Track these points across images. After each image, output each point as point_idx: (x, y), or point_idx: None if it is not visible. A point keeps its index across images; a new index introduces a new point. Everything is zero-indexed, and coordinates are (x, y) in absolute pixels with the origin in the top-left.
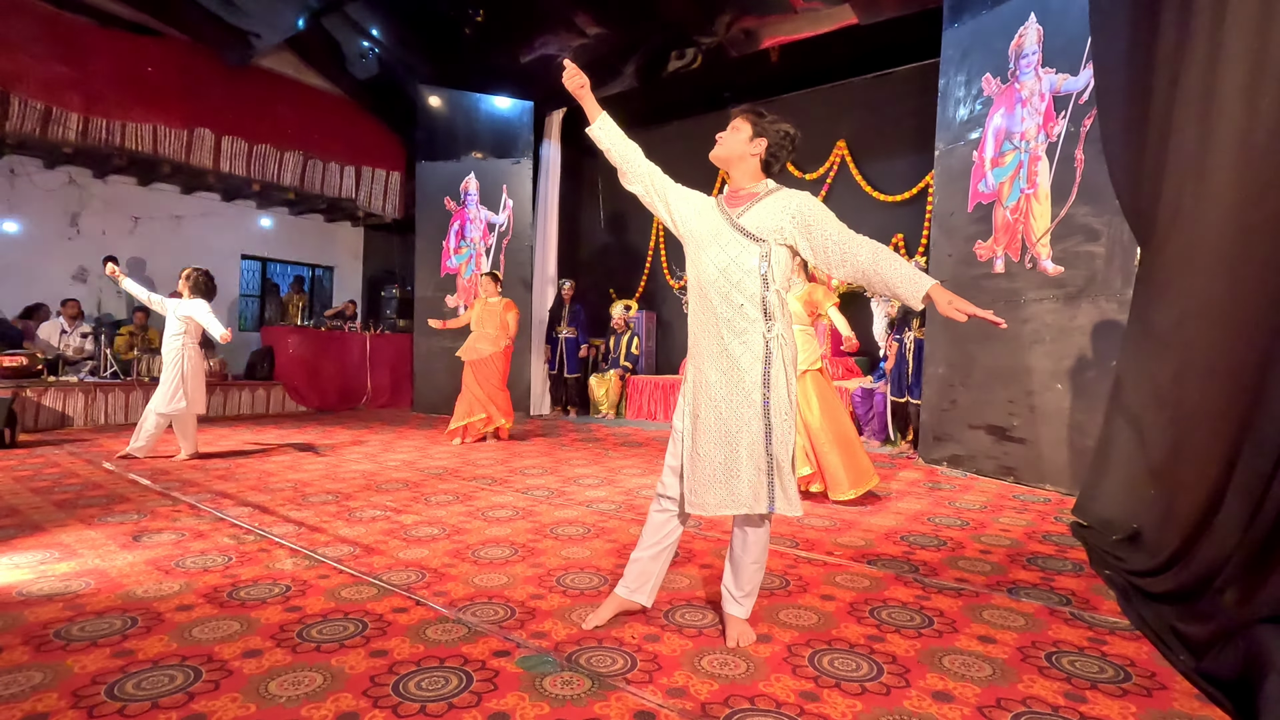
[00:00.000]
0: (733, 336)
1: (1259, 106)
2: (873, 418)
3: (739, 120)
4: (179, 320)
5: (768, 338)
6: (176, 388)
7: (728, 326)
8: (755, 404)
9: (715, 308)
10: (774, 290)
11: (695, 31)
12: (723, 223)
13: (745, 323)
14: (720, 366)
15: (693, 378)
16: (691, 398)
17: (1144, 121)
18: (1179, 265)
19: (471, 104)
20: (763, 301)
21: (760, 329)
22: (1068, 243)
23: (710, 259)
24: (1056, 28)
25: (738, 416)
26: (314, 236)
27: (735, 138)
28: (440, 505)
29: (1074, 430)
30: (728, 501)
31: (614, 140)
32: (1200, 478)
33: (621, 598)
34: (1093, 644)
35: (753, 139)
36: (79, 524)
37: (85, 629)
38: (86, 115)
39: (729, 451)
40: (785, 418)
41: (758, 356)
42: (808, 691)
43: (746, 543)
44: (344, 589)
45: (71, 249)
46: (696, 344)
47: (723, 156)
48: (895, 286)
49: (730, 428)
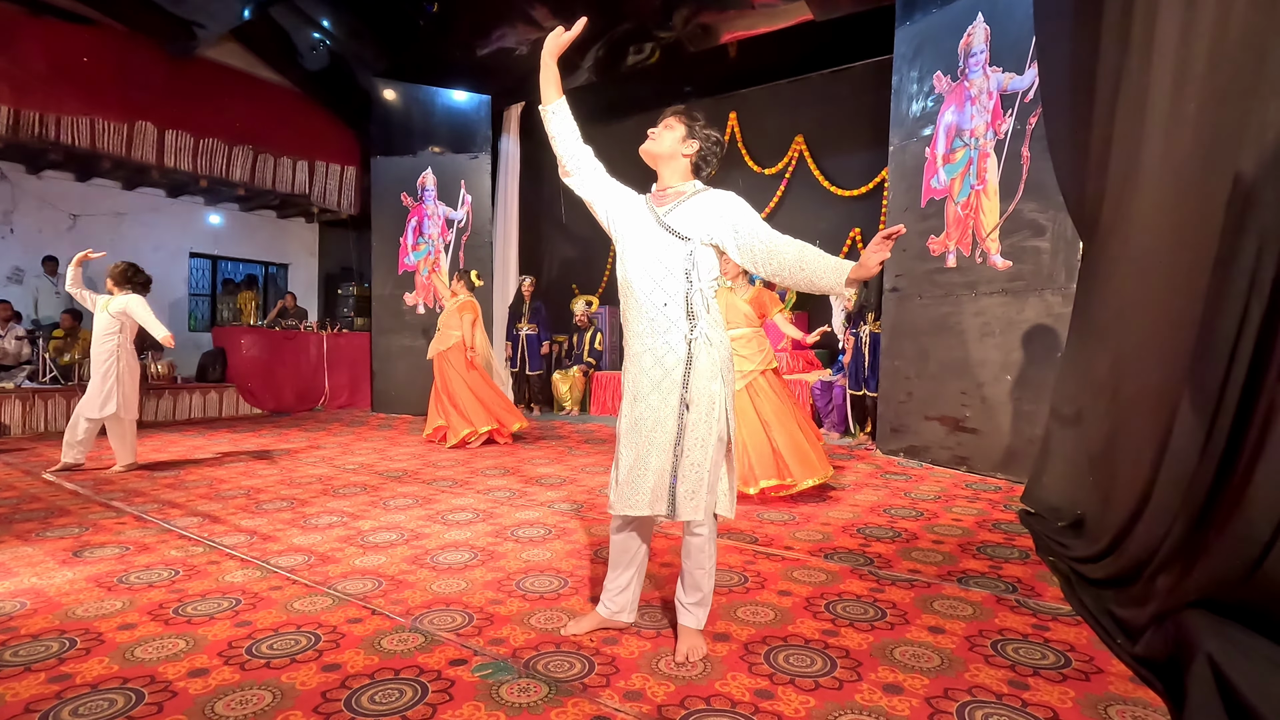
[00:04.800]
0: (656, 335)
1: (1184, 110)
2: (832, 410)
3: (673, 119)
4: (111, 318)
5: (690, 338)
6: (111, 391)
7: (651, 325)
8: (672, 405)
9: (641, 305)
10: (698, 289)
11: (653, 26)
12: (650, 220)
13: (668, 321)
14: (643, 364)
15: (625, 377)
16: (626, 397)
17: (1087, 120)
18: (1118, 260)
19: (427, 97)
20: (686, 300)
21: (683, 329)
22: (1015, 237)
23: (635, 256)
24: (1003, 27)
25: (654, 415)
26: (266, 233)
27: (669, 135)
28: (399, 509)
29: (1022, 420)
30: (633, 501)
31: (562, 127)
32: (1136, 466)
33: (603, 617)
34: (1036, 631)
35: (686, 139)
36: (15, 540)
37: (19, 653)
38: (16, 108)
39: (641, 450)
40: (705, 420)
41: (680, 357)
42: (762, 689)
43: (689, 548)
44: (297, 600)
45: (4, 249)
46: (627, 342)
47: (654, 153)
48: (820, 279)
49: (645, 426)
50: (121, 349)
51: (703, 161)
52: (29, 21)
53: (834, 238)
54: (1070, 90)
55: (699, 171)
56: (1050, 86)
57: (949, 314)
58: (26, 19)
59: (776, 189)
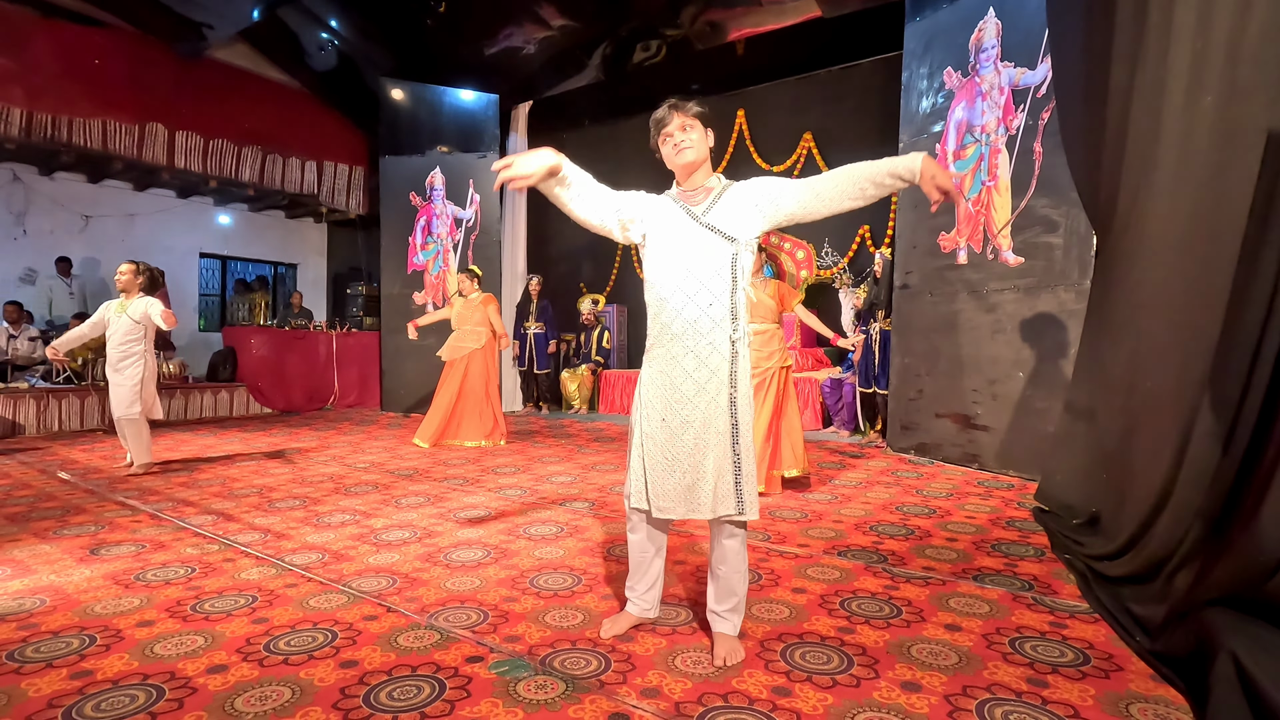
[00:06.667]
0: (698, 336)
1: (1201, 104)
2: (842, 408)
3: (690, 119)
4: (135, 322)
5: (734, 337)
6: (136, 392)
7: (692, 326)
8: (722, 405)
9: (682, 307)
10: (741, 287)
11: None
12: (686, 220)
13: (711, 322)
14: (685, 366)
15: (656, 380)
16: (658, 400)
17: (1102, 114)
18: (1134, 256)
19: (435, 97)
20: (731, 299)
21: (727, 329)
22: (1027, 234)
23: (678, 257)
24: (1014, 22)
25: (702, 416)
26: (276, 233)
27: (699, 141)
28: (411, 508)
29: (1035, 417)
30: (696, 506)
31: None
32: (1153, 463)
33: (635, 615)
34: (1054, 628)
35: (706, 135)
36: (33, 538)
37: (40, 649)
38: (30, 110)
39: (698, 455)
40: (747, 416)
41: (725, 356)
42: (780, 686)
43: (726, 553)
44: (312, 598)
45: (18, 249)
46: (659, 344)
47: (690, 165)
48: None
49: (693, 429)
50: (147, 352)
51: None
52: (41, 24)
53: (842, 234)
54: (1084, 84)
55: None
56: (1064, 80)
57: (960, 311)
58: (38, 22)
59: None
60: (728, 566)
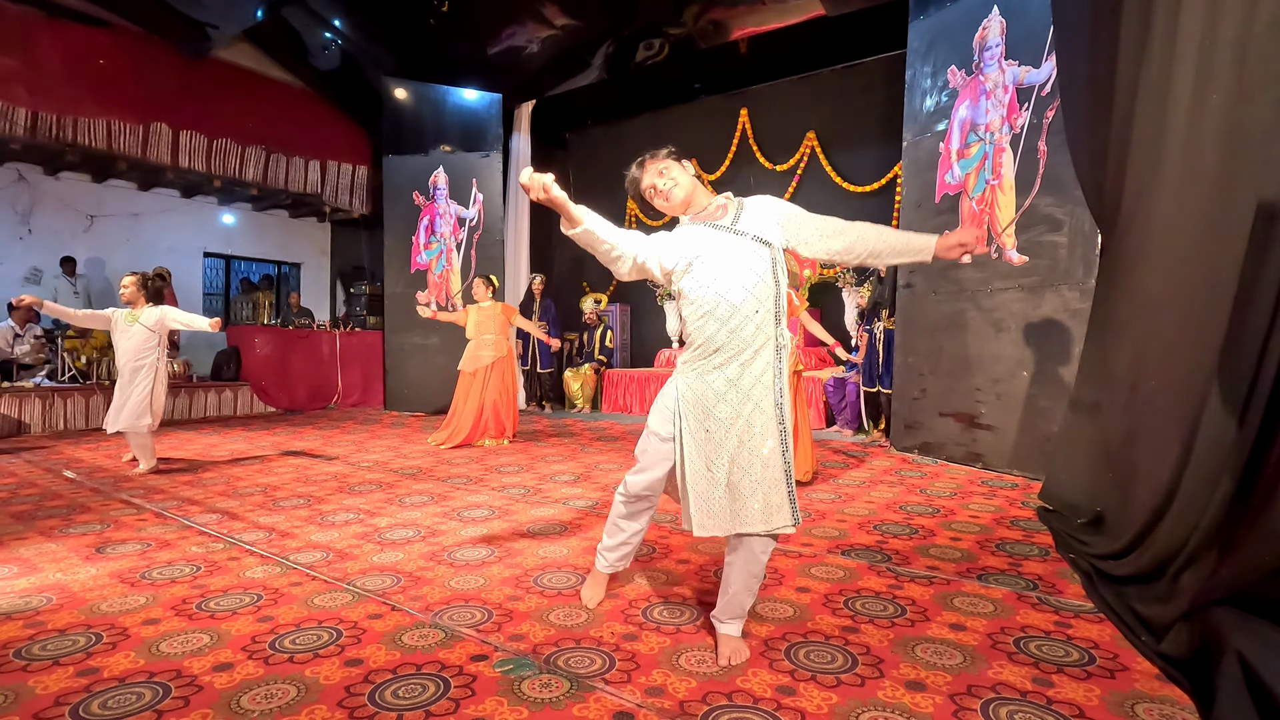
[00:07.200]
0: (745, 346)
1: (1208, 101)
2: (845, 407)
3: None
4: (150, 331)
5: (780, 343)
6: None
7: (738, 337)
8: (768, 411)
9: (728, 317)
10: (782, 291)
11: (664, 23)
12: (723, 235)
13: (755, 329)
14: (728, 374)
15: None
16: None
17: (1107, 112)
18: (1139, 254)
19: (439, 96)
20: (775, 304)
21: (772, 334)
22: (1031, 233)
23: (725, 269)
24: (1018, 20)
25: (748, 424)
26: (279, 233)
27: (680, 175)
28: (415, 506)
29: (1039, 416)
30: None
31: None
32: (1158, 462)
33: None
34: (1059, 628)
35: (684, 166)
36: (39, 536)
37: (47, 647)
38: (35, 110)
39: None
40: (790, 422)
41: (768, 362)
42: (784, 685)
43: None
44: (317, 596)
45: (23, 249)
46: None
47: (685, 199)
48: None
49: (740, 436)
50: (160, 360)
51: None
52: (46, 24)
53: None
54: (1089, 81)
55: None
56: (1069, 78)
57: (964, 310)
58: (43, 22)
59: (788, 185)
60: (741, 586)
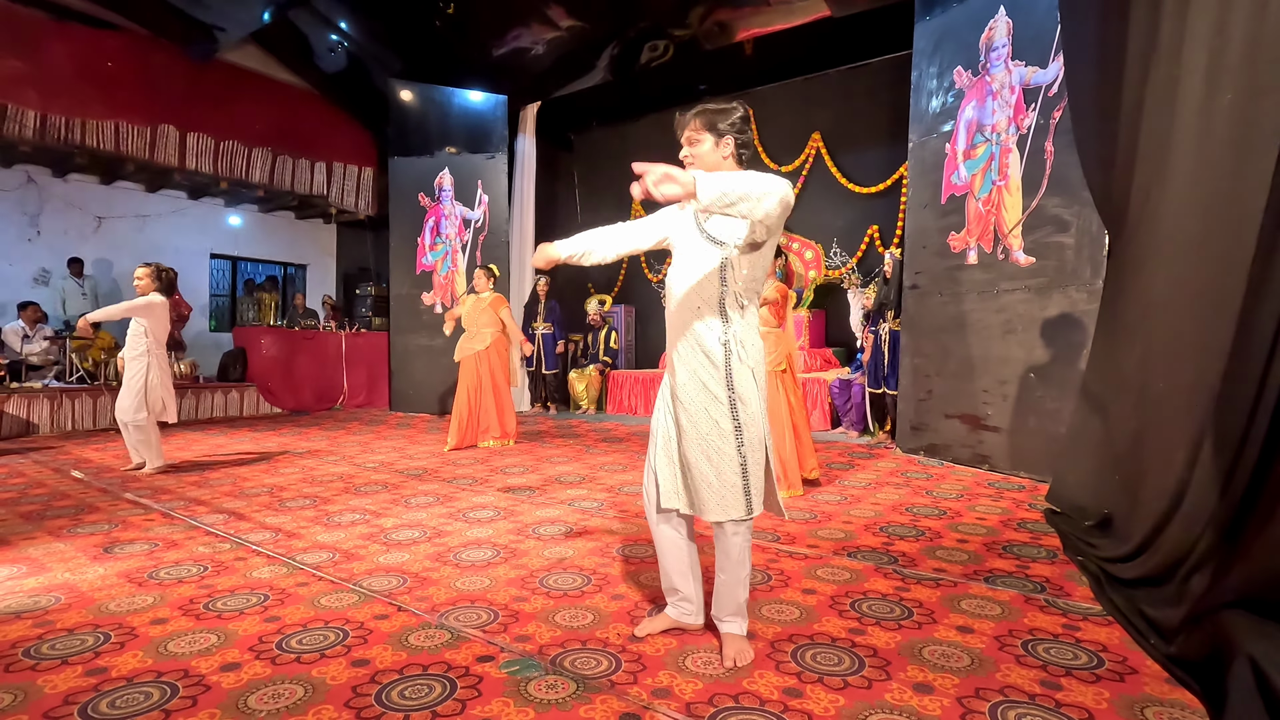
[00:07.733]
0: (693, 339)
1: (1217, 101)
2: (850, 409)
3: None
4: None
5: (724, 340)
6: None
7: (688, 330)
8: (723, 403)
9: (681, 311)
10: (733, 293)
11: (669, 24)
12: (692, 227)
13: (704, 325)
14: (689, 366)
15: (667, 380)
16: (668, 398)
17: (1115, 111)
18: (1147, 255)
19: (444, 98)
20: (720, 304)
21: (717, 332)
22: (1038, 234)
23: (680, 262)
24: (1025, 20)
25: (707, 417)
26: (285, 234)
27: (709, 149)
28: (420, 507)
29: (1046, 418)
30: (701, 508)
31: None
32: (1166, 464)
33: (672, 618)
34: (1067, 631)
35: (718, 144)
36: (47, 536)
37: (56, 646)
38: (44, 112)
39: (707, 455)
40: (753, 418)
41: (719, 359)
42: (791, 688)
43: (728, 557)
44: (324, 596)
45: (32, 250)
46: (671, 345)
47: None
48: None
49: (700, 428)
50: (150, 353)
51: (743, 149)
52: (54, 27)
53: (852, 234)
54: (1097, 82)
55: (742, 160)
56: (1076, 78)
57: (970, 311)
58: (51, 25)
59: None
60: (728, 575)
